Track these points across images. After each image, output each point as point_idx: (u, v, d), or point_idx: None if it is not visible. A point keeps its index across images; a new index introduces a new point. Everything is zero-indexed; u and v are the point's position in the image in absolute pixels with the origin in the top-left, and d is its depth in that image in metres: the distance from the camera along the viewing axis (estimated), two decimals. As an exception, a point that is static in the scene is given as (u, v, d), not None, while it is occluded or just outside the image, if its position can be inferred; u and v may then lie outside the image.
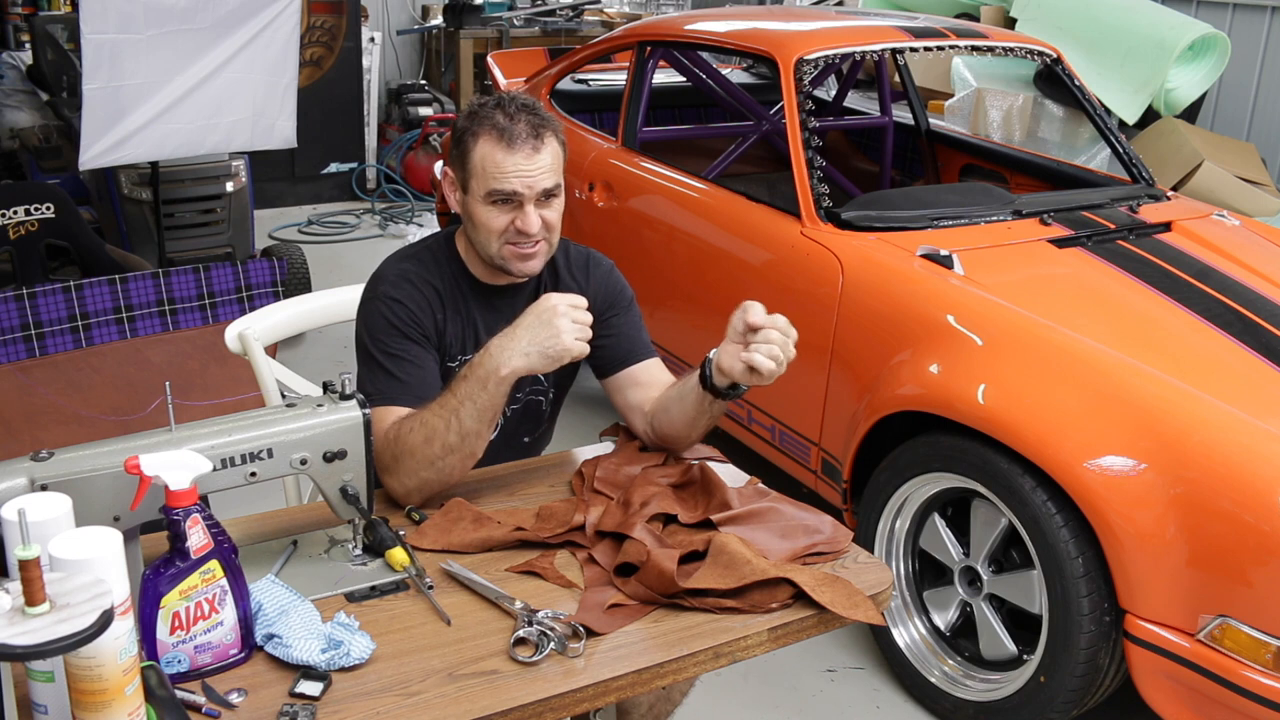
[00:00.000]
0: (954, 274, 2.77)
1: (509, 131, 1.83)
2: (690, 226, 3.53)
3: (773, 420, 3.17)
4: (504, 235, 1.86)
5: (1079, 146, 5.01)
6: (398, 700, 1.32)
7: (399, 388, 1.84)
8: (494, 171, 1.83)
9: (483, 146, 1.84)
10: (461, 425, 1.72)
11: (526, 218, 1.85)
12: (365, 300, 1.93)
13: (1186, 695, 2.25)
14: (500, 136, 1.83)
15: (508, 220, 1.85)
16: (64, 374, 3.47)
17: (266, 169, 6.07)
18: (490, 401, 1.73)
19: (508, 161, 1.82)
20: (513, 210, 1.85)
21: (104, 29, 3.53)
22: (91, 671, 1.15)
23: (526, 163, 1.83)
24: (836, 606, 1.51)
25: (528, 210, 1.85)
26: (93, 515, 1.32)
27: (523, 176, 1.83)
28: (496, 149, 1.83)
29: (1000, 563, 2.61)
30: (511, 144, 1.82)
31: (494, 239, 1.87)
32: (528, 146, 1.83)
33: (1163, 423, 2.26)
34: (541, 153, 1.84)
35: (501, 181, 1.83)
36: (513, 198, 1.84)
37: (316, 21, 6.53)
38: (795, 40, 3.39)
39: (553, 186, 1.87)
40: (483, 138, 1.84)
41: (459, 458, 1.74)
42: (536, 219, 1.85)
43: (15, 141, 5.25)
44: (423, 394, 1.82)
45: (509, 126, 1.83)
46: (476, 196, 1.86)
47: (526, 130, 1.83)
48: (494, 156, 1.83)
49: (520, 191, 1.83)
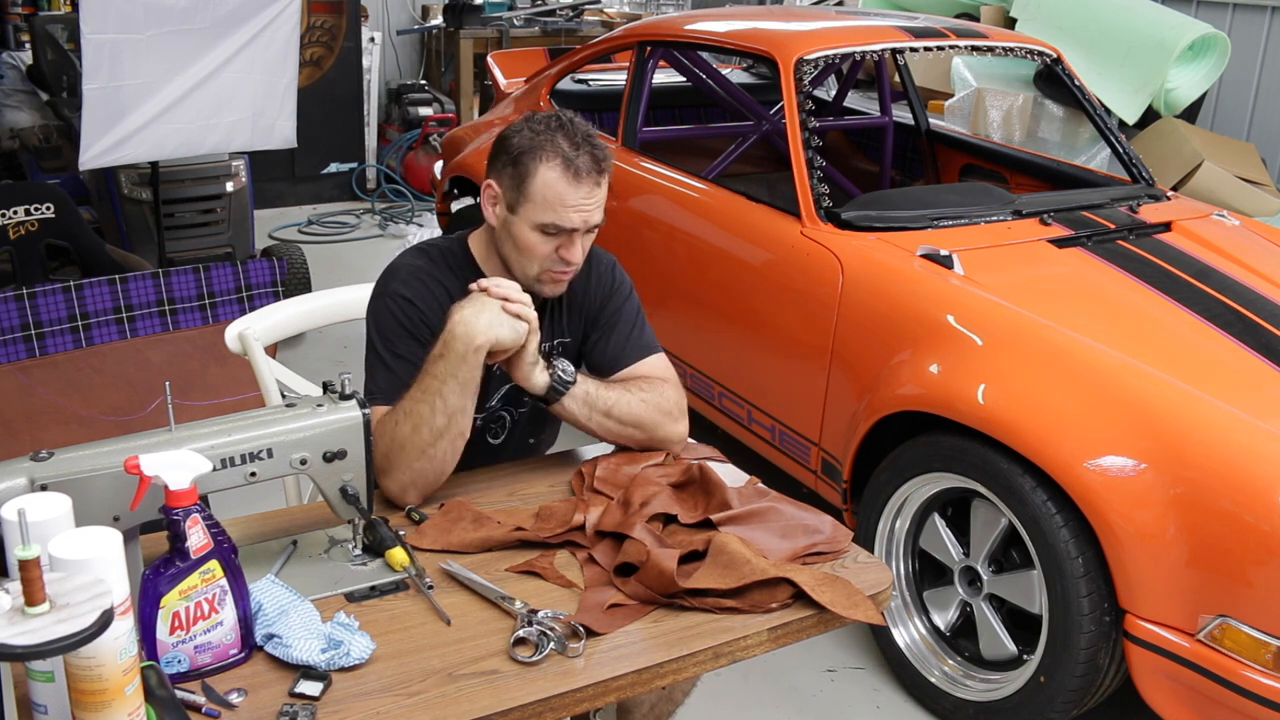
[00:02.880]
0: (954, 274, 2.77)
1: (574, 165, 1.78)
2: (690, 226, 3.53)
3: (773, 420, 3.17)
4: (546, 261, 1.84)
5: (1079, 146, 5.00)
6: (398, 700, 1.32)
7: (402, 389, 1.82)
8: (555, 204, 1.79)
9: (545, 174, 1.78)
10: (447, 404, 1.71)
11: (573, 249, 1.83)
12: (377, 295, 1.92)
13: (1186, 695, 2.25)
14: (566, 169, 1.78)
15: (552, 248, 1.83)
16: (64, 374, 3.47)
17: (266, 169, 6.07)
18: (471, 374, 1.72)
19: (571, 196, 1.78)
20: (559, 239, 1.82)
21: (104, 29, 3.53)
22: (91, 671, 1.15)
23: (587, 199, 1.79)
24: (836, 606, 1.51)
25: (576, 241, 1.82)
26: (93, 515, 1.32)
27: (581, 212, 1.80)
28: (561, 181, 1.78)
29: (1000, 563, 2.61)
30: (577, 178, 1.78)
31: (535, 264, 1.85)
32: (590, 182, 1.79)
33: (1163, 423, 2.26)
34: (601, 187, 1.81)
35: (562, 217, 1.79)
36: (567, 231, 1.81)
37: (316, 21, 6.53)
38: (795, 40, 3.39)
39: (601, 220, 1.84)
40: (545, 164, 1.78)
41: (449, 440, 1.73)
42: (581, 250, 1.84)
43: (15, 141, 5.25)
44: None
45: (574, 158, 1.78)
46: (526, 221, 1.82)
47: (590, 164, 1.79)
48: (556, 188, 1.78)
49: (577, 227, 1.81)
